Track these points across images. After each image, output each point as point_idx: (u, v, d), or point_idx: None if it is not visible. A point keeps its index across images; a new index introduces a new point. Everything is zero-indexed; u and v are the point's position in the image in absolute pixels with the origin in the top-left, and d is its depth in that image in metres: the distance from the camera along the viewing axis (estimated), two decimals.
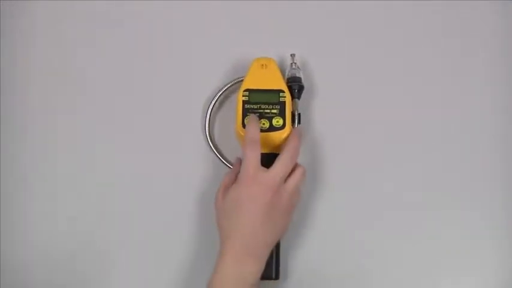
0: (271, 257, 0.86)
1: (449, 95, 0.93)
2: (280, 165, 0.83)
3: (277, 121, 0.87)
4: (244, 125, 0.88)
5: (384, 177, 0.91)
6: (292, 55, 0.94)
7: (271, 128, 0.87)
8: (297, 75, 0.92)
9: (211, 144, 0.93)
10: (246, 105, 0.88)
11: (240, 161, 0.86)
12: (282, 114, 0.88)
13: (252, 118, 0.86)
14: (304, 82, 0.92)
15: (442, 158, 0.91)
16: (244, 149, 0.83)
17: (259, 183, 0.81)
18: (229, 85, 0.93)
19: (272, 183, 0.82)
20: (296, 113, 0.89)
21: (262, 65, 0.90)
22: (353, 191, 0.91)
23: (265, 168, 0.82)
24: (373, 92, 0.95)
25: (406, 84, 0.94)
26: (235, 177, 0.85)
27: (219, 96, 0.93)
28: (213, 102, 0.93)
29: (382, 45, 0.96)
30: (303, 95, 0.92)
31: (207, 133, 0.93)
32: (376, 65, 0.95)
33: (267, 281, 0.86)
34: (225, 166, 0.92)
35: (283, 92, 0.89)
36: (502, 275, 0.86)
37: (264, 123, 0.87)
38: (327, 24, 0.98)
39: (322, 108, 0.95)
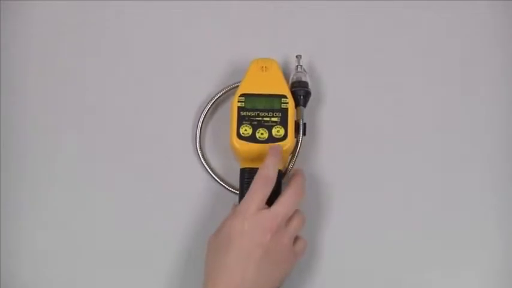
0: None
1: (460, 100, 0.90)
2: (283, 205, 0.77)
3: (277, 131, 0.82)
4: (239, 135, 0.81)
5: (398, 193, 0.87)
6: (298, 57, 0.88)
7: (271, 139, 0.81)
8: (303, 79, 0.86)
9: (202, 159, 0.87)
10: (241, 112, 0.82)
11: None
12: (283, 123, 0.82)
13: (274, 150, 0.79)
14: (311, 87, 0.86)
15: (457, 166, 0.88)
16: (255, 183, 0.77)
17: (258, 222, 0.75)
18: (223, 92, 0.88)
19: (270, 224, 0.75)
20: (301, 123, 0.84)
21: (262, 67, 0.84)
22: (363, 211, 0.86)
23: (267, 206, 0.77)
24: (387, 100, 0.90)
25: (421, 89, 0.90)
26: None
27: (212, 104, 0.88)
28: (205, 111, 0.87)
29: (395, 48, 0.92)
30: (309, 103, 0.86)
31: (198, 146, 0.87)
32: (390, 70, 0.91)
33: None
34: (217, 183, 0.87)
35: (286, 97, 0.83)
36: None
37: (262, 133, 0.82)
38: (337, 23, 0.93)
39: (330, 118, 0.89)
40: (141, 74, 0.91)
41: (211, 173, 0.86)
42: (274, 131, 0.81)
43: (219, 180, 0.86)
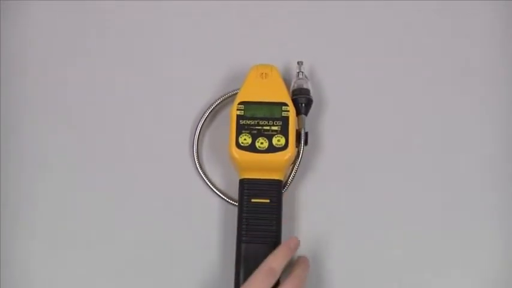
0: None
1: (461, 101, 0.90)
2: None
3: (278, 140, 0.81)
4: (238, 145, 0.80)
5: (400, 196, 0.86)
6: (299, 63, 0.87)
7: (271, 149, 0.80)
8: (305, 86, 0.85)
9: (199, 169, 0.86)
10: (240, 120, 0.81)
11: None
12: (284, 132, 0.81)
13: (288, 244, 0.78)
14: (312, 95, 0.86)
15: (458, 167, 0.88)
16: (257, 272, 0.75)
17: None
18: (221, 99, 0.87)
19: None
20: (303, 132, 0.83)
21: (262, 73, 0.83)
22: (365, 217, 0.85)
23: None
24: (391, 107, 0.89)
25: (424, 94, 0.90)
26: None
27: (210, 112, 0.87)
28: (203, 119, 0.86)
29: (399, 53, 0.92)
30: (311, 110, 0.86)
31: (195, 155, 0.86)
32: (394, 76, 0.90)
33: None
34: (215, 195, 0.85)
35: (287, 105, 0.82)
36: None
37: (262, 143, 0.81)
38: (339, 28, 0.92)
39: (333, 127, 0.88)
40: (137, 79, 0.90)
41: (209, 184, 0.84)
42: (274, 140, 0.80)
43: (217, 192, 0.84)
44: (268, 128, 0.80)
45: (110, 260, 0.84)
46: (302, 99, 0.83)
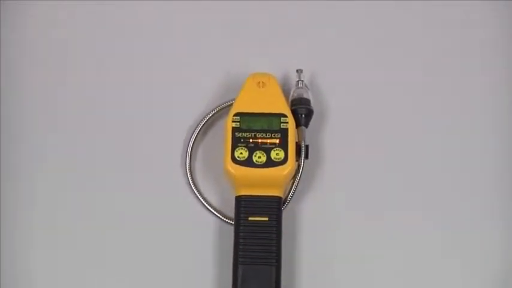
0: None
1: (469, 110, 0.90)
2: None
3: (277, 154, 0.80)
4: (234, 159, 0.79)
5: (401, 203, 0.86)
6: (299, 71, 0.86)
7: (269, 163, 0.79)
8: (305, 96, 0.85)
9: (192, 186, 0.85)
10: (236, 133, 0.81)
11: None
12: (283, 145, 0.80)
13: None
14: (313, 105, 0.85)
15: (464, 177, 0.88)
16: None
17: None
18: (215, 110, 0.86)
19: None
20: (303, 145, 0.82)
21: (259, 82, 0.83)
22: (372, 242, 0.85)
23: None
24: (397, 118, 0.89)
25: (428, 103, 0.90)
26: None
27: (203, 124, 0.86)
28: (196, 132, 0.85)
29: (404, 62, 0.91)
30: (311, 122, 0.85)
31: (188, 171, 0.85)
32: (400, 87, 0.90)
33: None
34: (210, 213, 0.84)
35: (285, 116, 0.81)
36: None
37: (259, 157, 0.80)
38: (342, 34, 0.92)
39: (335, 139, 0.87)
40: (129, 87, 0.90)
41: (203, 202, 0.83)
42: (273, 154, 0.79)
43: (212, 210, 0.83)
44: (266, 141, 0.80)
45: (104, 272, 0.84)
46: (302, 110, 0.83)
